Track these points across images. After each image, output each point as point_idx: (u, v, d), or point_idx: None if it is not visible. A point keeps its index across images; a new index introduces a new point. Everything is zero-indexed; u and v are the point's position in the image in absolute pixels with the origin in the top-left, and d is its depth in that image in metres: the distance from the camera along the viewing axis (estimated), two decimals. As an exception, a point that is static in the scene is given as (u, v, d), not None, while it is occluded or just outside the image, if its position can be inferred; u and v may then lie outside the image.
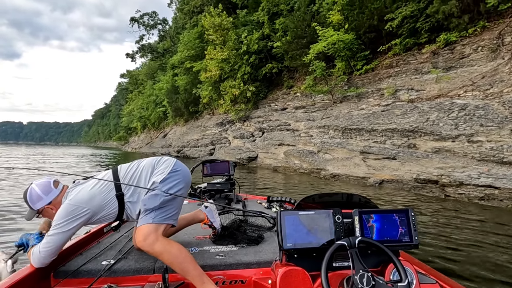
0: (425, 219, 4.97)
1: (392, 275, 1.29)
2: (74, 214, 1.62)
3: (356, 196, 1.62)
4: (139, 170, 1.84)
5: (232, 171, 3.65)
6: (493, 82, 7.79)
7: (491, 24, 8.90)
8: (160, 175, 1.79)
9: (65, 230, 1.60)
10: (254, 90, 18.18)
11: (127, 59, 53.02)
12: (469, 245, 3.67)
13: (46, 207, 1.73)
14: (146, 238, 1.62)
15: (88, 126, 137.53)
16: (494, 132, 6.85)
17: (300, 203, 1.60)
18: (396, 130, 9.03)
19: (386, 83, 11.15)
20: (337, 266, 1.35)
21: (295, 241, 1.33)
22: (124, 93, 66.33)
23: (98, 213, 1.71)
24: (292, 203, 3.04)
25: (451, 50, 9.48)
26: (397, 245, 1.37)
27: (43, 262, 1.61)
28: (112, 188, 1.75)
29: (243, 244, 2.04)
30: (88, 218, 1.68)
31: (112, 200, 1.74)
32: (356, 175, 9.43)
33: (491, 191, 6.17)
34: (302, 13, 14.97)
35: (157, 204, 1.70)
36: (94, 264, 1.77)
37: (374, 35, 11.84)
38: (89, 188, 1.73)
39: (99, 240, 2.22)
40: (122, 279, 1.69)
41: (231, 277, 1.71)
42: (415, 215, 1.39)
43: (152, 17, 48.26)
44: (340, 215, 1.38)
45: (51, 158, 22.64)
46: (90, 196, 1.69)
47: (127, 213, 1.80)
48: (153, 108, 40.37)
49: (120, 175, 1.82)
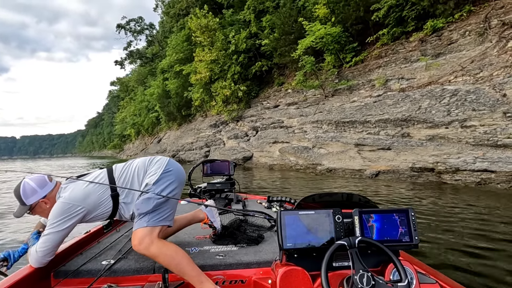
0: (423, 209, 4.91)
1: (392, 275, 1.29)
2: (69, 213, 1.60)
3: (356, 196, 1.61)
4: (132, 170, 1.83)
5: (232, 171, 3.64)
6: (483, 66, 7.77)
7: (476, 8, 8.88)
8: (152, 176, 1.77)
9: (61, 229, 1.59)
10: (245, 89, 18.08)
11: (116, 66, 52.74)
12: (470, 237, 3.62)
13: (40, 201, 1.69)
14: (141, 242, 1.61)
15: (82, 136, 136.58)
16: (486, 115, 6.82)
17: (300, 203, 1.59)
18: (389, 120, 8.98)
19: (376, 73, 11.10)
20: (337, 266, 1.35)
21: (295, 241, 1.33)
22: (115, 101, 65.88)
23: (92, 212, 1.70)
24: (292, 203, 3.03)
25: (439, 37, 9.45)
26: (397, 245, 1.37)
27: (41, 262, 1.59)
28: (108, 188, 1.74)
29: (243, 244, 2.04)
30: (83, 216, 1.66)
31: (107, 200, 1.73)
32: (352, 168, 9.38)
33: (487, 175, 6.15)
34: (288, 9, 14.89)
35: (150, 208, 1.68)
36: (94, 264, 1.76)
37: (361, 26, 11.79)
38: (84, 186, 1.71)
39: (99, 240, 2.21)
40: (122, 279, 1.69)
41: (231, 277, 1.71)
42: (415, 215, 1.39)
43: (138, 23, 47.89)
44: (340, 215, 1.38)
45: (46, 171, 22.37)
46: (85, 194, 1.68)
47: (120, 213, 1.80)
48: (145, 114, 40.15)
49: (115, 175, 1.80)
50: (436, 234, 3.61)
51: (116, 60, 50.98)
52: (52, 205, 1.66)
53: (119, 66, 51.11)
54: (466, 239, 3.42)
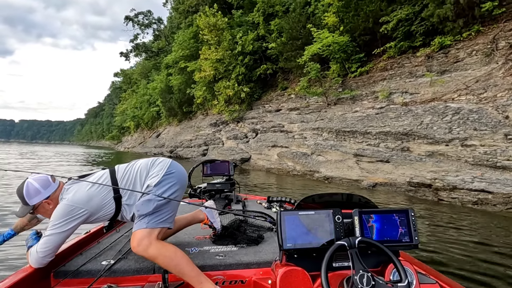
0: (419, 222, 4.88)
1: (392, 275, 1.29)
2: (72, 215, 1.61)
3: (356, 196, 1.62)
4: (135, 171, 1.83)
5: (232, 171, 3.65)
6: (487, 86, 7.78)
7: (485, 29, 8.91)
8: (154, 177, 1.76)
9: (63, 230, 1.60)
10: (248, 91, 18.07)
11: (121, 58, 52.70)
12: (466, 249, 3.59)
13: (44, 201, 1.69)
14: (140, 243, 1.61)
15: (81, 125, 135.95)
16: (487, 136, 6.82)
17: (300, 203, 1.60)
18: (390, 133, 8.98)
19: (380, 86, 11.12)
20: (337, 266, 1.36)
21: (295, 241, 1.33)
22: (117, 92, 65.73)
23: (95, 214, 1.71)
24: (292, 203, 3.04)
25: (446, 54, 9.48)
26: (397, 245, 1.37)
27: (41, 262, 1.60)
28: (110, 190, 1.74)
29: (243, 244, 2.04)
30: (85, 218, 1.67)
31: (110, 202, 1.73)
32: (349, 178, 9.36)
33: (484, 196, 6.13)
34: (297, 14, 14.93)
35: (151, 210, 1.67)
36: (94, 264, 1.76)
37: (369, 37, 11.82)
38: (87, 188, 1.71)
39: (99, 240, 2.21)
40: (122, 279, 1.69)
41: (231, 277, 1.71)
42: (415, 215, 1.39)
43: (147, 16, 47.94)
44: (340, 215, 1.38)
45: (42, 158, 22.27)
46: (88, 196, 1.68)
47: (122, 214, 1.80)
48: (146, 108, 40.05)
49: (118, 176, 1.80)
50: (434, 239, 3.59)
51: (121, 52, 51.05)
52: (55, 206, 1.66)
53: (124, 57, 51.14)
54: (464, 247, 3.40)
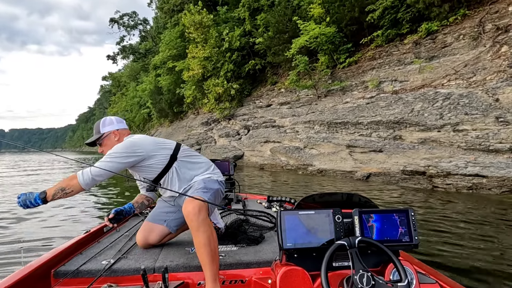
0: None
1: (392, 275, 1.29)
2: (132, 150, 1.79)
3: (356, 196, 1.62)
4: (196, 155, 2.04)
5: (232, 170, 3.61)
6: (476, 70, 7.73)
7: (471, 12, 8.85)
8: (220, 176, 1.99)
9: (120, 161, 1.76)
10: (238, 87, 17.90)
11: (108, 61, 52.03)
12: (462, 239, 3.52)
13: (113, 131, 1.95)
14: (201, 211, 1.60)
15: (73, 131, 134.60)
16: (479, 120, 6.77)
17: (300, 203, 1.61)
18: (381, 122, 8.91)
19: (369, 75, 11.03)
20: (337, 266, 1.36)
21: (295, 241, 1.33)
22: (107, 96, 65.10)
23: (148, 160, 1.85)
24: (292, 203, 3.05)
25: (433, 40, 9.41)
26: (397, 245, 1.37)
27: (90, 183, 1.72)
28: (171, 148, 1.93)
29: (243, 244, 2.04)
30: (140, 159, 1.82)
31: (165, 156, 1.89)
32: (343, 170, 9.29)
33: (479, 180, 6.09)
34: (283, 7, 14.76)
35: (215, 189, 1.84)
36: (94, 263, 1.76)
37: (356, 27, 11.71)
38: (151, 138, 1.95)
39: (99, 239, 2.20)
40: (122, 279, 1.68)
41: (231, 277, 1.70)
42: (415, 215, 1.39)
43: (132, 18, 47.29)
44: (340, 215, 1.38)
45: (40, 165, 21.87)
46: (150, 143, 1.88)
47: (168, 177, 1.91)
48: (137, 110, 39.74)
49: (180, 148, 1.97)
50: (430, 235, 3.50)
51: (108, 55, 50.37)
52: (120, 141, 1.89)
53: (111, 60, 50.49)
54: (463, 240, 3.32)
